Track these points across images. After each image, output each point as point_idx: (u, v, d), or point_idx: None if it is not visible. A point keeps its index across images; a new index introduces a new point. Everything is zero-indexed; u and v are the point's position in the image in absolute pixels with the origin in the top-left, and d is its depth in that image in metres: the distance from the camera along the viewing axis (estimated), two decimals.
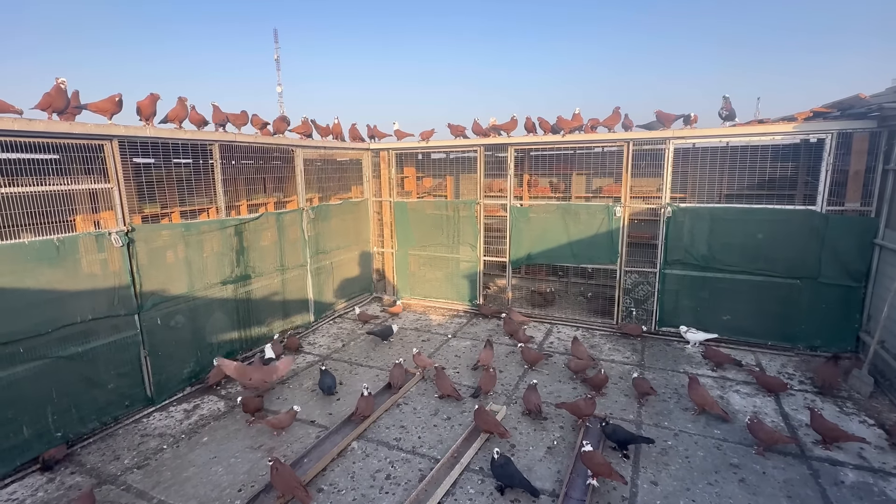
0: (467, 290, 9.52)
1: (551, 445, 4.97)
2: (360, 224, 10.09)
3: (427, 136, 9.27)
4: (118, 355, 5.53)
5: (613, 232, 8.01)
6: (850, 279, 6.66)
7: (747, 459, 4.65)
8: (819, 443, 4.81)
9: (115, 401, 5.54)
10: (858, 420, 5.26)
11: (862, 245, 6.53)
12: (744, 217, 7.14)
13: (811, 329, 6.98)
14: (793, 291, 7.02)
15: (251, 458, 4.85)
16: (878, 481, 4.27)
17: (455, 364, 7.03)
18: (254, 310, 7.47)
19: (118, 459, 4.88)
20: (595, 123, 7.95)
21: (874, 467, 4.46)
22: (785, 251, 6.94)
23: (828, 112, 6.74)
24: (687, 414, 5.49)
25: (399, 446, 5.03)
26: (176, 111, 6.25)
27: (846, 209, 6.67)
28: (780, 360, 6.92)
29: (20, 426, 4.69)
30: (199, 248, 6.47)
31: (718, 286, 7.47)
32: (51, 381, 4.90)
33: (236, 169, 8.16)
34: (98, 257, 5.34)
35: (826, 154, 6.59)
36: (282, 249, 7.96)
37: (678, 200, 7.80)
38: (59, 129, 4.90)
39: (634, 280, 8.13)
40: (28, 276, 4.72)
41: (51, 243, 4.87)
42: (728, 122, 7.37)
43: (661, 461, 4.66)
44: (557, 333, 8.22)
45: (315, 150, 8.68)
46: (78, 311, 5.12)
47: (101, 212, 5.79)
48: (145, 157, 6.72)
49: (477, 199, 9.05)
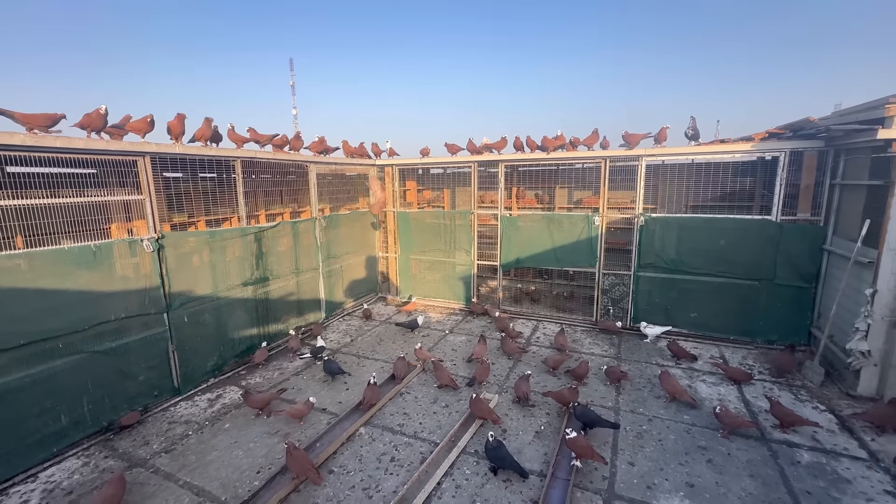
0: (463, 291, 9.49)
1: (539, 430, 4.94)
2: (366, 232, 10.05)
3: (426, 152, 9.38)
4: (148, 350, 5.46)
5: (592, 239, 8.02)
6: (802, 280, 6.69)
7: (714, 442, 4.63)
8: (777, 427, 4.81)
9: (144, 391, 5.46)
10: (812, 406, 5.26)
11: (812, 250, 6.57)
12: (708, 226, 7.17)
13: (768, 325, 7.00)
14: (752, 291, 7.04)
15: (268, 443, 4.79)
16: (830, 461, 4.27)
17: (452, 357, 6.99)
18: (271, 308, 7.40)
19: (147, 444, 4.80)
20: (576, 142, 7.98)
21: (826, 449, 4.46)
22: (744, 255, 6.97)
23: (781, 133, 6.80)
24: (659, 401, 5.48)
25: (402, 431, 4.98)
26: (202, 130, 6.21)
27: (798, 219, 6.71)
28: (742, 352, 6.92)
29: (59, 415, 4.61)
30: (222, 253, 6.42)
31: (686, 287, 7.48)
32: (87, 373, 4.83)
33: (256, 182, 8.14)
34: (131, 261, 5.29)
35: (780, 170, 6.65)
36: (296, 254, 7.91)
37: (650, 211, 7.83)
38: (98, 146, 4.86)
39: (612, 281, 8.13)
40: (68, 279, 4.66)
41: (88, 249, 4.82)
42: (693, 141, 7.42)
43: (637, 444, 4.64)
44: (543, 329, 8.20)
45: (327, 166, 8.66)
46: (112, 309, 5.06)
47: (133, 220, 5.74)
48: (174, 172, 6.66)
49: (471, 209, 9.05)
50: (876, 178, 5.42)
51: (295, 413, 5.08)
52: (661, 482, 4.06)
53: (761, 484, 4.00)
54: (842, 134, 5.80)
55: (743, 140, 7.16)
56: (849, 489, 3.90)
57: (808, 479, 4.03)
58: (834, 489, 3.90)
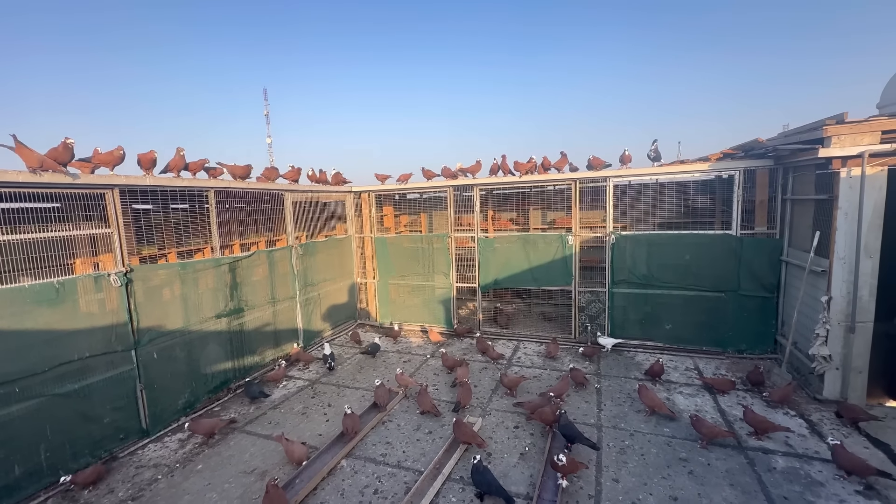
0: (443, 314, 9.46)
1: (524, 452, 4.89)
2: (344, 258, 9.97)
3: (405, 178, 9.55)
4: (114, 390, 5.17)
5: (567, 258, 8.22)
6: (765, 291, 7.02)
7: (693, 453, 4.70)
8: (752, 434, 4.93)
9: (109, 434, 5.13)
10: (783, 412, 5.43)
11: (772, 262, 6.93)
12: (674, 241, 7.48)
13: (737, 335, 7.26)
14: (719, 303, 7.32)
15: (244, 483, 4.56)
16: (804, 465, 4.40)
17: (434, 382, 6.90)
18: (246, 340, 7.17)
19: (112, 493, 4.48)
20: (547, 165, 8.27)
21: (799, 453, 4.59)
22: (710, 269, 7.28)
23: (734, 153, 7.26)
24: (640, 416, 5.54)
25: (385, 461, 4.84)
26: (175, 161, 6.14)
27: (756, 232, 7.09)
28: (714, 362, 7.12)
29: (12, 466, 4.27)
30: (194, 285, 6.24)
31: (658, 301, 7.71)
32: (45, 418, 4.52)
33: (230, 212, 8.02)
34: (96, 297, 5.06)
35: (736, 187, 7.06)
36: (273, 283, 7.75)
37: (620, 229, 8.12)
38: (64, 180, 4.72)
39: (588, 299, 8.30)
40: (27, 318, 4.42)
41: (51, 286, 4.60)
42: (656, 162, 7.82)
43: (620, 460, 4.66)
44: (524, 349, 8.22)
45: (303, 194, 8.64)
46: (75, 349, 4.80)
47: (100, 254, 5.54)
48: (144, 204, 6.51)
49: (448, 232, 9.15)
50: (821, 193, 5.84)
51: (291, 454, 4.78)
52: (645, 497, 4.08)
53: (741, 492, 4.06)
54: (788, 153, 6.25)
55: (700, 160, 7.60)
56: (822, 492, 4.01)
57: (785, 485, 4.13)
58: (809, 493, 4.00)
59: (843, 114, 5.19)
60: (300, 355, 7.74)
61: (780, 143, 6.19)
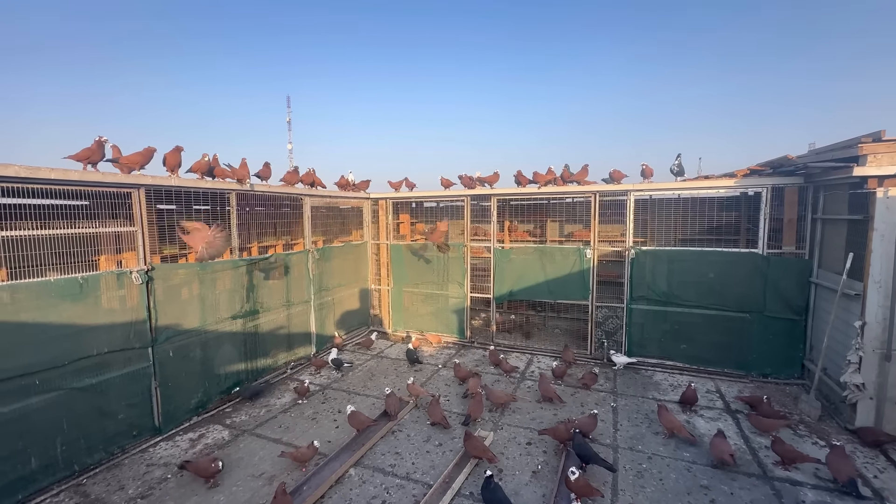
0: (456, 324, 9.38)
1: (536, 470, 4.75)
2: (359, 264, 10.01)
3: (410, 185, 9.75)
4: (130, 386, 5.23)
5: (584, 271, 8.07)
6: (792, 313, 6.75)
7: (716, 481, 4.49)
8: (778, 464, 4.69)
9: (123, 431, 5.19)
10: (811, 442, 5.17)
11: (800, 283, 6.67)
12: (697, 258, 7.28)
13: (762, 358, 6.98)
14: (743, 324, 7.07)
15: (252, 487, 4.53)
16: (835, 500, 4.15)
17: (445, 392, 6.80)
18: (260, 342, 7.21)
19: (123, 489, 4.50)
20: (567, 177, 8.19)
21: (830, 487, 4.34)
22: (734, 288, 7.04)
23: (761, 170, 7.07)
24: (658, 438, 5.34)
25: (394, 472, 4.76)
26: (199, 164, 6.27)
27: (784, 252, 6.85)
28: (737, 386, 6.85)
29: (29, 458, 4.34)
30: (212, 286, 6.32)
31: (679, 319, 7.49)
32: (63, 411, 4.60)
33: (250, 214, 8.15)
34: (117, 294, 5.16)
35: (763, 205, 6.85)
36: (288, 287, 7.81)
37: (640, 244, 7.95)
38: (93, 178, 4.86)
39: (605, 314, 8.11)
40: (51, 312, 4.52)
41: (75, 281, 4.71)
42: (679, 177, 7.67)
43: (637, 484, 4.48)
44: (538, 363, 8.07)
45: (321, 199, 8.73)
46: (95, 344, 4.89)
47: (123, 252, 5.66)
48: (168, 204, 6.67)
49: (464, 242, 9.11)
50: (855, 213, 5.61)
51: (298, 457, 4.76)
52: None
53: None
54: (819, 171, 6.05)
55: (726, 176, 7.41)
56: None
57: None
58: None
59: (881, 131, 4.99)
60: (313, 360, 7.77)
61: (811, 161, 5.99)
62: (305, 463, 4.78)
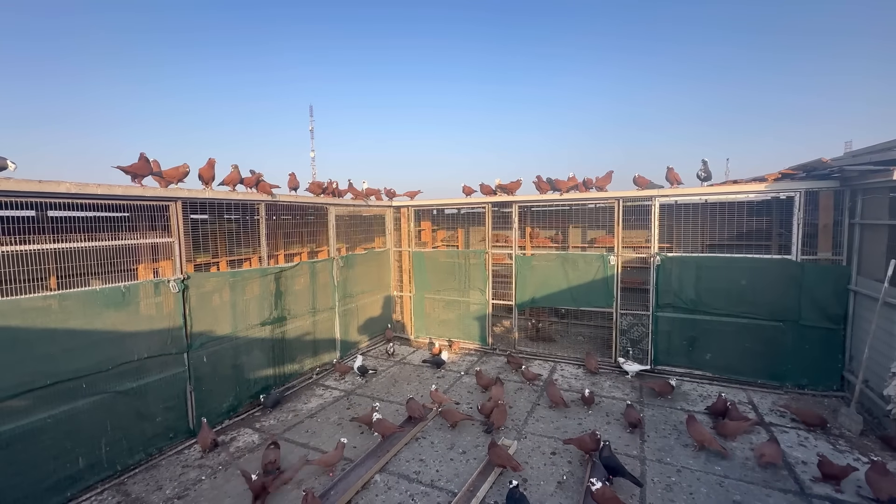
0: (477, 330, 9.39)
1: (561, 480, 4.72)
2: (382, 271, 10.17)
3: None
4: (167, 390, 5.49)
5: (608, 278, 7.97)
6: (830, 322, 6.48)
7: (749, 497, 4.35)
8: (816, 479, 4.50)
9: (160, 433, 5.43)
10: (852, 458, 4.94)
11: (837, 290, 6.41)
12: (727, 265, 7.09)
13: (797, 368, 6.72)
14: (777, 333, 6.83)
15: (283, 489, 4.66)
16: None
17: (468, 400, 6.82)
18: (287, 348, 7.42)
19: (161, 490, 4.72)
20: (590, 183, 8.12)
21: None
22: (766, 296, 6.82)
23: (794, 173, 6.84)
24: (688, 450, 5.22)
25: (419, 479, 4.81)
26: (231, 176, 6.53)
27: (819, 258, 6.60)
28: (771, 397, 6.61)
29: (76, 457, 4.60)
30: (242, 293, 6.56)
31: (707, 328, 7.29)
32: (107, 413, 4.86)
33: (277, 223, 8.42)
34: (155, 301, 5.43)
35: (797, 210, 6.62)
36: (314, 294, 8.01)
37: (665, 250, 7.80)
38: (135, 192, 5.15)
39: (630, 322, 7.98)
40: (97, 319, 4.80)
41: (118, 290, 4.99)
42: (706, 182, 7.50)
43: (666, 497, 4.39)
44: (561, 371, 8.00)
45: (345, 207, 8.93)
46: (135, 349, 5.16)
47: (160, 261, 5.95)
48: (202, 214, 6.96)
49: (485, 248, 9.14)
50: None
51: (326, 462, 4.86)
52: None
53: None
54: (856, 174, 5.82)
55: (756, 180, 7.21)
56: None
57: None
58: None
59: None
60: (337, 366, 7.93)
61: (848, 164, 5.77)
62: (333, 467, 4.90)
